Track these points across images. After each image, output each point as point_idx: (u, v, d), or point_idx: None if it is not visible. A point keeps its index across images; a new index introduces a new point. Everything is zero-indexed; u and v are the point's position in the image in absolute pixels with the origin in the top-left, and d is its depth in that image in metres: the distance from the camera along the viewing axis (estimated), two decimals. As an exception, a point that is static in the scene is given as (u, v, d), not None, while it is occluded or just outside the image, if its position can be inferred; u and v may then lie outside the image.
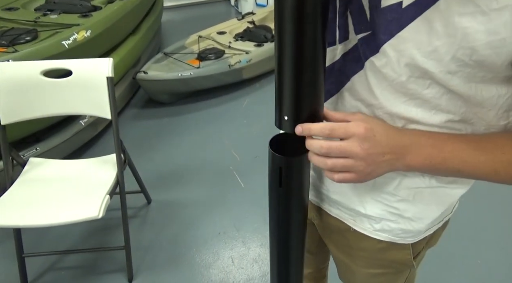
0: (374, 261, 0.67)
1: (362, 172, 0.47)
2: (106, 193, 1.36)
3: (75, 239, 1.72)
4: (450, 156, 0.46)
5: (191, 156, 2.27)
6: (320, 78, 0.48)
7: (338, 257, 0.73)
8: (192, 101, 2.86)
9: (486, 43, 0.38)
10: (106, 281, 1.53)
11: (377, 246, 0.63)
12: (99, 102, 1.42)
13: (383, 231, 0.61)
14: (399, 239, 0.62)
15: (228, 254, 1.63)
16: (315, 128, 0.46)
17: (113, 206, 1.57)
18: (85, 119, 2.16)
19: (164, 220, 1.82)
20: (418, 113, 0.48)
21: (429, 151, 0.47)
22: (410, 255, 0.65)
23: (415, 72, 0.44)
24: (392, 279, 0.71)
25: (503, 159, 0.45)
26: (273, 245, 0.67)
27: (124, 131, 2.49)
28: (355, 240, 0.65)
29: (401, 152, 0.47)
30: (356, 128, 0.45)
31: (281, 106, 0.49)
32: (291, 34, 0.43)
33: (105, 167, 1.52)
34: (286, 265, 0.68)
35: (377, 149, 0.45)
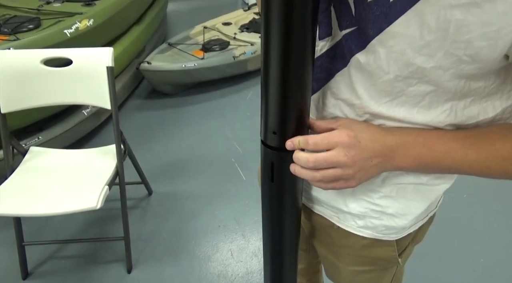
0: (358, 258, 0.66)
1: (352, 179, 0.47)
2: (105, 183, 1.35)
3: (75, 228, 1.72)
4: (441, 156, 0.45)
5: (193, 148, 2.26)
6: (308, 91, 0.47)
7: (323, 255, 0.72)
8: (196, 92, 2.84)
9: (481, 34, 0.36)
10: (106, 271, 1.53)
11: (361, 243, 0.62)
12: (99, 92, 1.41)
13: (366, 227, 0.60)
14: (383, 236, 0.60)
15: (227, 247, 1.63)
16: (299, 142, 0.47)
17: (113, 196, 1.57)
18: (87, 109, 2.16)
19: (164, 211, 1.82)
20: (400, 113, 0.46)
21: (418, 150, 0.46)
22: (395, 252, 0.63)
23: (404, 70, 0.42)
24: (378, 277, 0.70)
25: (495, 155, 0.44)
26: (266, 241, 0.65)
27: (127, 121, 2.49)
28: (339, 237, 0.64)
29: (389, 154, 0.46)
30: (339, 137, 0.45)
31: (267, 122, 0.49)
32: (278, 46, 0.42)
33: (105, 157, 1.52)
34: (280, 261, 0.67)
35: (363, 155, 0.45)
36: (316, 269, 1.11)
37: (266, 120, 0.49)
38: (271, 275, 0.70)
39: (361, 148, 0.45)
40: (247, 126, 2.40)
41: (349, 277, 0.71)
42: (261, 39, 0.44)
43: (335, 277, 0.76)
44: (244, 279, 1.49)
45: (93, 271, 1.54)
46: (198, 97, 2.79)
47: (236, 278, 1.50)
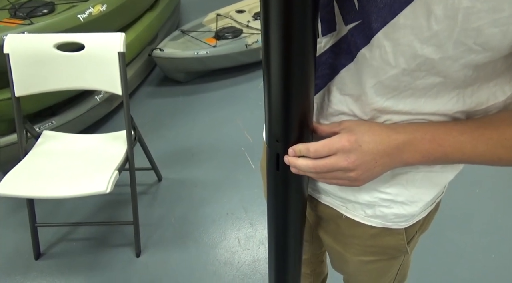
0: (366, 248, 0.65)
1: (356, 180, 0.47)
2: (115, 168, 1.37)
3: (86, 212, 1.75)
4: (450, 150, 0.45)
5: (204, 135, 2.26)
6: (310, 96, 0.47)
7: (330, 246, 0.72)
8: (208, 80, 2.83)
9: (492, 21, 0.34)
10: (115, 254, 1.56)
11: (369, 232, 0.61)
12: (111, 78, 1.41)
13: (375, 217, 0.59)
14: (392, 224, 0.59)
15: (235, 235, 1.64)
16: (299, 149, 0.48)
17: (124, 181, 1.59)
18: (100, 94, 2.18)
19: (173, 198, 1.83)
20: (406, 105, 0.45)
21: (426, 146, 0.45)
22: (403, 240, 0.63)
23: (411, 62, 0.40)
24: (386, 266, 0.70)
25: (506, 145, 0.43)
26: (271, 230, 0.65)
27: (139, 108, 2.50)
28: (347, 227, 0.63)
29: (395, 153, 0.46)
30: (339, 143, 0.45)
31: (271, 129, 0.50)
32: (278, 52, 0.42)
33: (115, 143, 1.53)
34: (284, 251, 0.67)
35: (365, 158, 0.45)
36: (320, 260, 1.11)
37: (270, 128, 0.50)
38: (276, 265, 0.70)
39: (362, 152, 0.45)
40: (257, 115, 2.39)
41: (357, 268, 0.71)
42: (261, 46, 0.44)
43: (342, 267, 0.76)
44: (250, 267, 1.50)
45: (103, 254, 1.57)
46: (209, 85, 2.78)
47: (242, 266, 1.51)
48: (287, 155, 0.49)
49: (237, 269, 1.50)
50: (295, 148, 0.48)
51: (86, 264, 1.53)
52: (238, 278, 1.46)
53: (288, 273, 0.70)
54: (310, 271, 1.11)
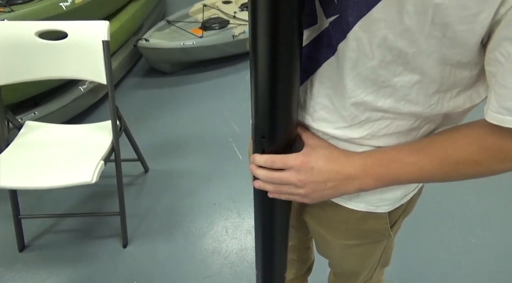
0: (351, 232, 0.66)
1: (306, 197, 0.52)
2: (100, 159, 1.35)
3: (72, 203, 1.73)
4: (399, 172, 0.48)
5: (190, 126, 2.25)
6: (296, 96, 0.49)
7: (315, 230, 0.73)
8: (194, 71, 2.81)
9: (460, 18, 0.36)
10: (102, 246, 1.55)
11: (354, 217, 0.62)
12: (95, 67, 1.39)
13: (359, 201, 0.60)
14: (375, 208, 0.61)
15: (222, 224, 1.64)
16: (259, 159, 0.52)
17: (110, 173, 1.57)
18: (84, 85, 2.14)
19: (160, 189, 1.83)
20: (386, 103, 0.46)
21: (377, 171, 0.49)
22: (387, 224, 0.64)
23: (387, 54, 0.41)
24: (369, 250, 0.71)
25: (450, 161, 0.45)
26: (258, 217, 0.65)
27: (124, 100, 2.47)
28: (332, 211, 0.64)
29: (346, 178, 0.50)
30: (293, 161, 0.50)
31: (257, 126, 0.52)
32: (265, 58, 0.44)
33: (100, 133, 1.51)
34: (271, 238, 0.67)
35: (315, 178, 0.50)
36: (307, 246, 1.12)
37: (256, 124, 0.52)
38: (262, 252, 0.71)
39: (313, 174, 0.50)
40: (245, 106, 2.39)
41: (341, 251, 0.72)
42: (249, 46, 0.45)
43: (327, 252, 0.77)
44: (238, 256, 1.51)
45: (89, 245, 1.56)
46: (196, 76, 2.76)
47: (230, 255, 1.52)
48: (253, 155, 0.54)
49: (225, 257, 1.51)
50: (255, 156, 0.53)
51: (72, 256, 1.51)
52: (226, 266, 1.47)
53: (274, 258, 0.71)
54: (296, 257, 1.13)
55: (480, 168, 0.45)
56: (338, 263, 0.81)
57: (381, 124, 0.49)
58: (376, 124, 0.49)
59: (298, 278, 1.23)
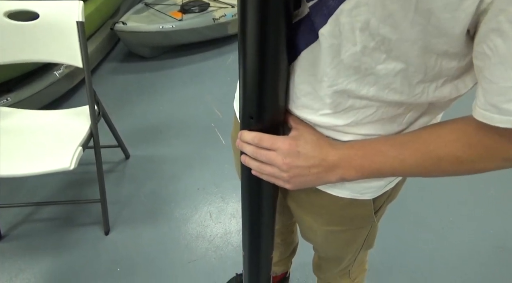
0: (335, 218, 0.66)
1: (288, 182, 0.52)
2: (78, 144, 1.31)
3: (50, 191, 1.69)
4: (381, 165, 0.48)
5: (172, 112, 2.21)
6: (284, 77, 0.48)
7: (300, 216, 0.72)
8: (175, 56, 2.75)
9: (443, 5, 0.34)
10: (83, 233, 1.52)
11: (338, 203, 0.62)
12: (70, 49, 1.33)
13: (344, 188, 0.59)
14: (360, 196, 0.60)
15: (206, 209, 1.64)
16: (247, 136, 0.52)
17: (89, 160, 1.54)
18: (59, 70, 2.07)
19: (142, 175, 1.80)
20: (370, 91, 0.45)
21: (359, 162, 0.49)
22: (371, 211, 0.64)
23: (370, 41, 0.40)
24: (353, 235, 0.71)
25: (432, 156, 0.45)
26: (245, 201, 0.65)
27: (102, 85, 2.40)
28: (316, 197, 0.63)
29: (330, 167, 0.50)
30: (281, 143, 0.50)
31: (245, 107, 0.51)
32: (254, 40, 0.44)
33: (78, 118, 1.47)
34: (258, 221, 0.67)
35: (300, 163, 0.50)
36: (291, 230, 1.13)
37: (244, 105, 0.51)
38: (249, 234, 0.70)
39: (299, 159, 0.50)
40: (227, 90, 2.36)
41: (325, 237, 0.72)
42: (238, 29, 0.45)
43: (311, 237, 0.77)
44: (223, 239, 1.52)
45: (70, 233, 1.52)
46: (176, 61, 2.71)
47: (215, 239, 1.52)
48: (241, 132, 0.53)
49: (209, 241, 1.51)
50: (243, 132, 0.52)
51: (52, 244, 1.48)
52: (211, 250, 1.47)
53: (261, 239, 0.71)
54: (280, 240, 1.14)
55: (462, 165, 0.44)
56: (322, 248, 0.82)
57: (366, 112, 0.48)
58: (360, 111, 0.48)
59: (282, 260, 1.24)
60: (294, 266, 1.34)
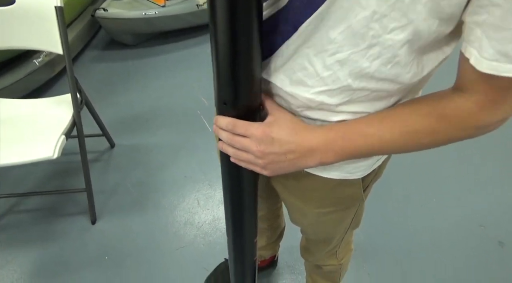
0: (326, 200, 0.67)
1: (264, 169, 0.52)
2: (61, 133, 1.29)
3: (35, 181, 1.66)
4: (360, 144, 0.48)
5: (157, 100, 2.19)
6: (257, 68, 0.48)
7: (289, 201, 0.73)
8: (158, 43, 2.71)
9: None
10: (69, 223, 1.51)
11: (329, 185, 0.63)
12: (49, 35, 1.30)
13: (334, 169, 0.60)
14: (350, 175, 0.61)
15: (194, 196, 1.64)
16: (221, 122, 0.51)
17: (73, 149, 1.51)
18: (39, 58, 2.01)
19: (128, 164, 1.78)
20: (372, 66, 0.44)
21: (339, 144, 0.49)
22: (360, 190, 0.65)
23: (382, 4, 0.39)
24: (342, 215, 0.73)
25: (409, 131, 0.46)
26: (225, 182, 0.64)
27: (84, 74, 2.35)
28: (306, 181, 0.64)
29: (307, 153, 0.49)
30: (255, 129, 0.49)
31: (220, 92, 0.50)
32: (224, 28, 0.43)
33: (60, 107, 1.43)
34: (239, 204, 0.67)
35: (274, 149, 0.49)
36: (276, 215, 1.14)
37: (219, 90, 0.50)
38: (231, 218, 0.70)
39: (273, 145, 0.49)
40: (212, 78, 2.33)
41: (315, 219, 0.73)
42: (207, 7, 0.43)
43: (300, 220, 0.78)
44: (211, 226, 1.52)
45: (56, 223, 1.51)
46: (160, 48, 2.66)
47: (203, 225, 1.52)
48: (216, 117, 0.52)
49: (198, 228, 1.51)
50: (218, 117, 0.52)
51: (38, 235, 1.46)
52: (199, 237, 1.48)
53: (243, 223, 0.71)
54: (267, 226, 1.15)
55: (439, 136, 0.46)
56: (312, 230, 0.82)
57: (361, 93, 0.48)
58: (356, 92, 0.48)
59: (270, 244, 1.25)
60: (281, 249, 1.36)
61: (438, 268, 1.39)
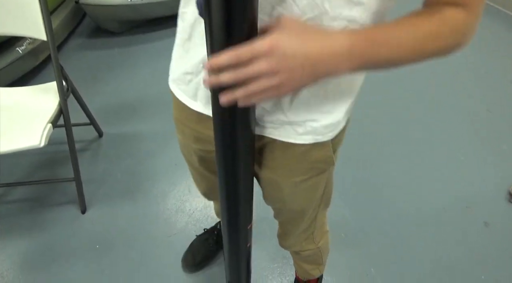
0: (300, 167, 0.68)
1: (282, 85, 0.45)
2: (47, 121, 1.27)
3: (22, 172, 1.63)
4: (383, 50, 0.46)
5: (145, 88, 2.16)
6: None
7: (265, 177, 0.73)
8: (145, 30, 2.66)
9: None
10: (58, 213, 1.49)
11: (300, 150, 0.64)
12: (31, 21, 1.26)
13: (307, 133, 0.61)
14: (322, 137, 0.63)
15: (185, 184, 1.63)
16: (222, 59, 0.43)
17: (61, 138, 1.49)
18: (22, 46, 1.96)
19: (117, 152, 1.76)
20: None
21: (362, 46, 0.45)
22: (331, 152, 0.67)
23: None
24: (315, 183, 0.74)
25: (419, 36, 0.47)
26: (221, 166, 0.64)
27: (70, 63, 2.30)
28: (279, 151, 0.65)
29: (335, 58, 0.45)
30: (261, 46, 0.42)
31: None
32: None
33: (45, 95, 1.41)
34: (234, 189, 0.66)
35: (289, 61, 0.43)
36: None
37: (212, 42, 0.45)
38: (227, 205, 0.70)
39: (285, 56, 0.42)
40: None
41: (291, 191, 0.73)
42: None
43: (276, 195, 0.77)
44: (202, 213, 1.52)
45: (45, 213, 1.49)
46: (148, 36, 2.62)
47: (194, 212, 1.53)
48: (208, 78, 0.46)
49: (189, 215, 1.51)
50: (213, 62, 0.43)
51: (27, 225, 1.44)
52: (191, 224, 1.48)
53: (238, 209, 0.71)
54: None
55: (440, 42, 0.49)
56: (287, 204, 0.81)
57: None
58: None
59: None
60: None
61: (426, 249, 1.42)
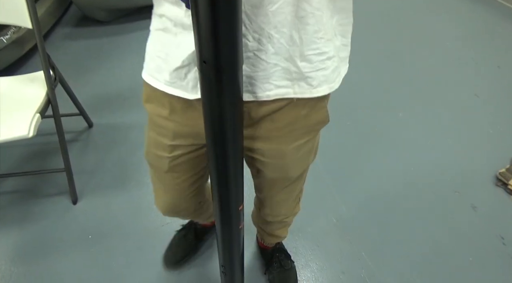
0: (300, 131, 0.70)
1: None
2: (35, 111, 1.25)
3: (11, 163, 1.61)
4: None
5: (134, 77, 2.13)
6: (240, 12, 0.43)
7: (266, 149, 0.73)
8: (134, 19, 2.61)
9: None
10: (49, 204, 1.48)
11: (301, 113, 0.66)
12: (15, 8, 1.23)
13: (321, 84, 0.62)
14: (335, 84, 0.65)
15: (177, 173, 1.63)
16: None
17: (50, 129, 1.47)
18: (7, 35, 1.92)
19: (108, 143, 1.75)
20: None
21: None
22: (327, 112, 0.70)
23: None
24: (311, 144, 0.76)
25: None
26: (210, 148, 0.64)
27: (57, 52, 2.26)
28: (281, 118, 0.66)
29: None
30: None
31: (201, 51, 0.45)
32: None
33: (33, 85, 1.38)
34: (225, 170, 0.66)
35: None
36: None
37: (200, 49, 0.46)
38: (217, 186, 0.70)
39: None
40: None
41: (293, 155, 0.75)
42: None
43: (279, 165, 0.77)
44: (195, 202, 1.52)
45: (35, 204, 1.48)
46: (137, 24, 2.57)
47: (187, 201, 1.52)
48: None
49: (182, 204, 1.51)
50: None
51: (18, 216, 1.43)
52: (184, 212, 1.48)
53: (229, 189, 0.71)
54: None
55: None
56: (290, 171, 0.81)
57: None
58: None
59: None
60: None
61: (416, 232, 1.45)
